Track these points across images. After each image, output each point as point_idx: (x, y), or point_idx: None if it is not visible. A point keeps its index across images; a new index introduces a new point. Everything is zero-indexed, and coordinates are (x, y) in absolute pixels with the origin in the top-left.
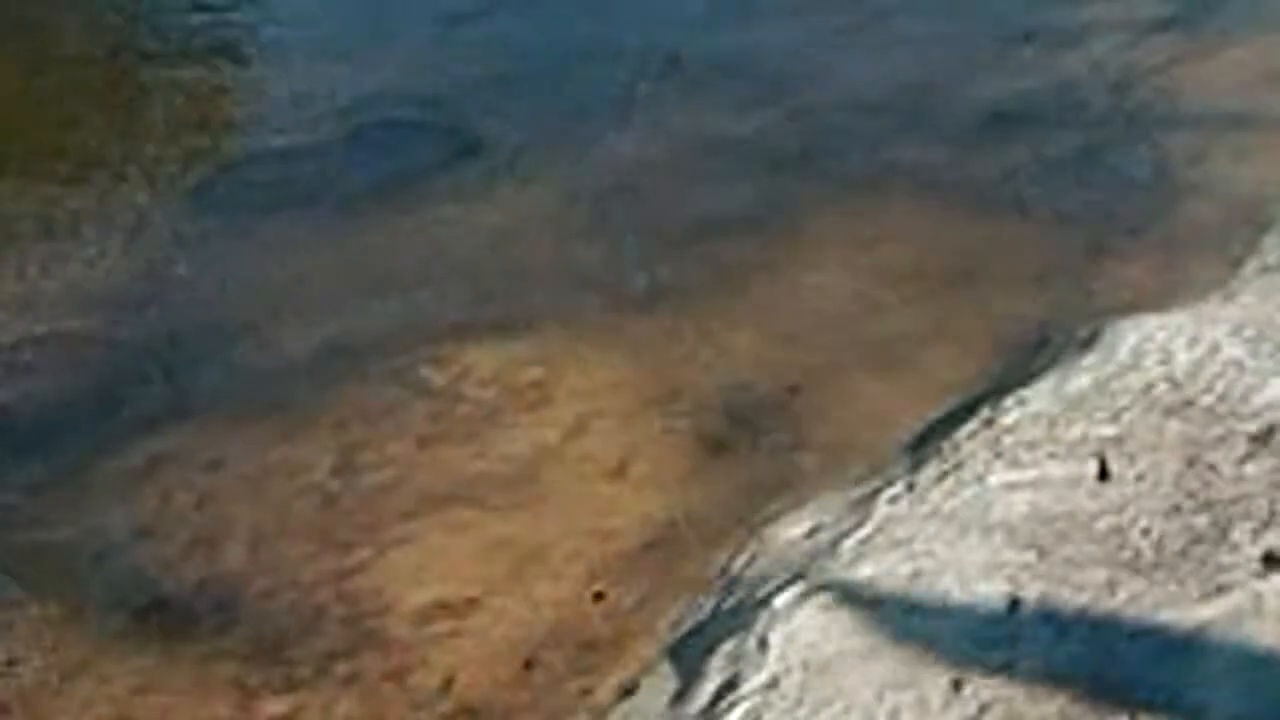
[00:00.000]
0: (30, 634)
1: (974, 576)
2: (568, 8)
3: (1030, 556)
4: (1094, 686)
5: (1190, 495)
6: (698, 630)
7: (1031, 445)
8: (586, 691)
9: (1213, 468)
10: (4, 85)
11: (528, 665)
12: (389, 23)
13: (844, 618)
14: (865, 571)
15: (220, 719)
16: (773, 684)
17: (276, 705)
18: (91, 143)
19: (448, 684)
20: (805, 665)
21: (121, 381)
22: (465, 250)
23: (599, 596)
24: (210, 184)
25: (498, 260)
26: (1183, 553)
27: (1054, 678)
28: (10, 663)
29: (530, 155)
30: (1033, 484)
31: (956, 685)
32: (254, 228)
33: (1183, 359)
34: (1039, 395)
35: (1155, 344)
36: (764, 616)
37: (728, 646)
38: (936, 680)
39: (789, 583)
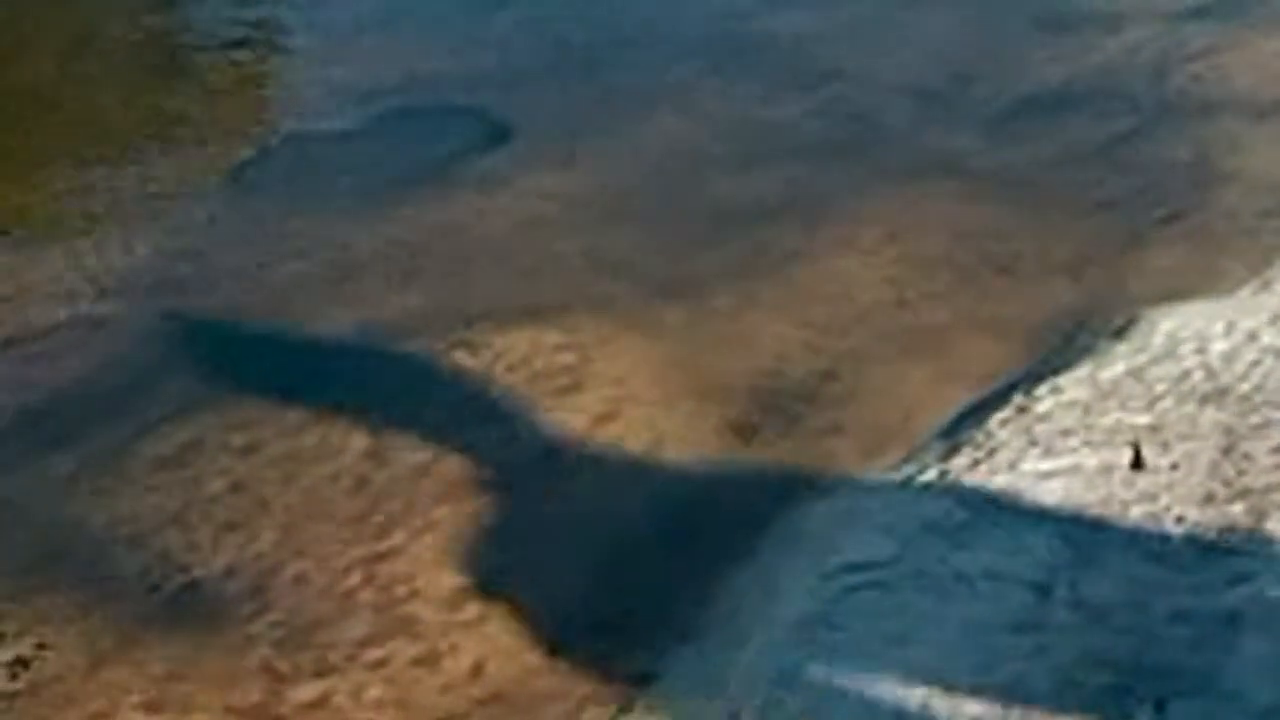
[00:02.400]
0: (62, 620)
1: (1007, 564)
2: None
3: (1063, 544)
4: (1127, 674)
5: (1225, 484)
6: (729, 618)
7: (1065, 433)
8: (614, 678)
9: (1248, 456)
10: (41, 70)
11: (554, 653)
12: (422, 9)
13: (877, 606)
14: (900, 560)
15: (251, 705)
16: (803, 673)
17: (307, 691)
18: (126, 129)
19: (478, 669)
20: (835, 652)
21: (154, 367)
22: (497, 236)
23: (630, 585)
24: (244, 169)
25: (529, 246)
26: (1217, 541)
27: (1086, 665)
28: (41, 647)
29: (562, 142)
30: (1066, 472)
31: (987, 670)
32: (287, 213)
33: (1219, 347)
34: (1073, 383)
35: (1191, 332)
36: (795, 605)
37: (758, 635)
38: (971, 668)
39: (822, 570)
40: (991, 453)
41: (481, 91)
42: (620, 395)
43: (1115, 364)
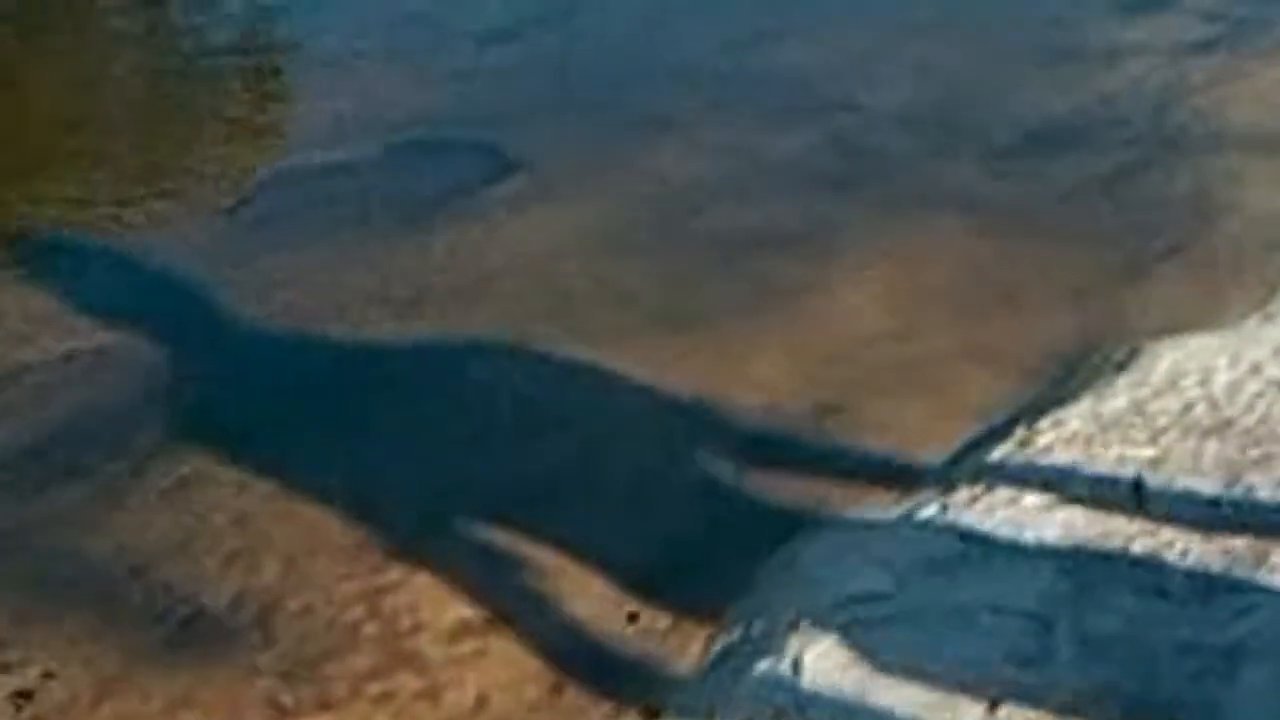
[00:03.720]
0: (67, 650)
1: (1009, 598)
2: (609, 27)
3: (1065, 578)
4: (1131, 707)
5: (1228, 517)
6: (729, 652)
7: (1067, 467)
8: (617, 713)
9: (1252, 489)
10: (52, 100)
11: (558, 686)
12: (430, 40)
13: (877, 640)
14: (900, 592)
15: None
16: (805, 707)
17: None
18: (132, 162)
19: (481, 703)
20: (837, 688)
21: (158, 399)
22: (500, 268)
23: (632, 618)
24: (248, 201)
25: (533, 279)
26: (1221, 575)
27: (1091, 699)
28: (46, 677)
29: (569, 173)
30: (1068, 505)
31: (993, 707)
32: (291, 245)
33: (1222, 380)
34: (1075, 416)
35: (1194, 364)
36: (796, 639)
37: (760, 669)
38: (973, 702)
39: (821, 603)
40: (993, 486)
41: (486, 124)
42: (616, 424)
43: (1117, 396)
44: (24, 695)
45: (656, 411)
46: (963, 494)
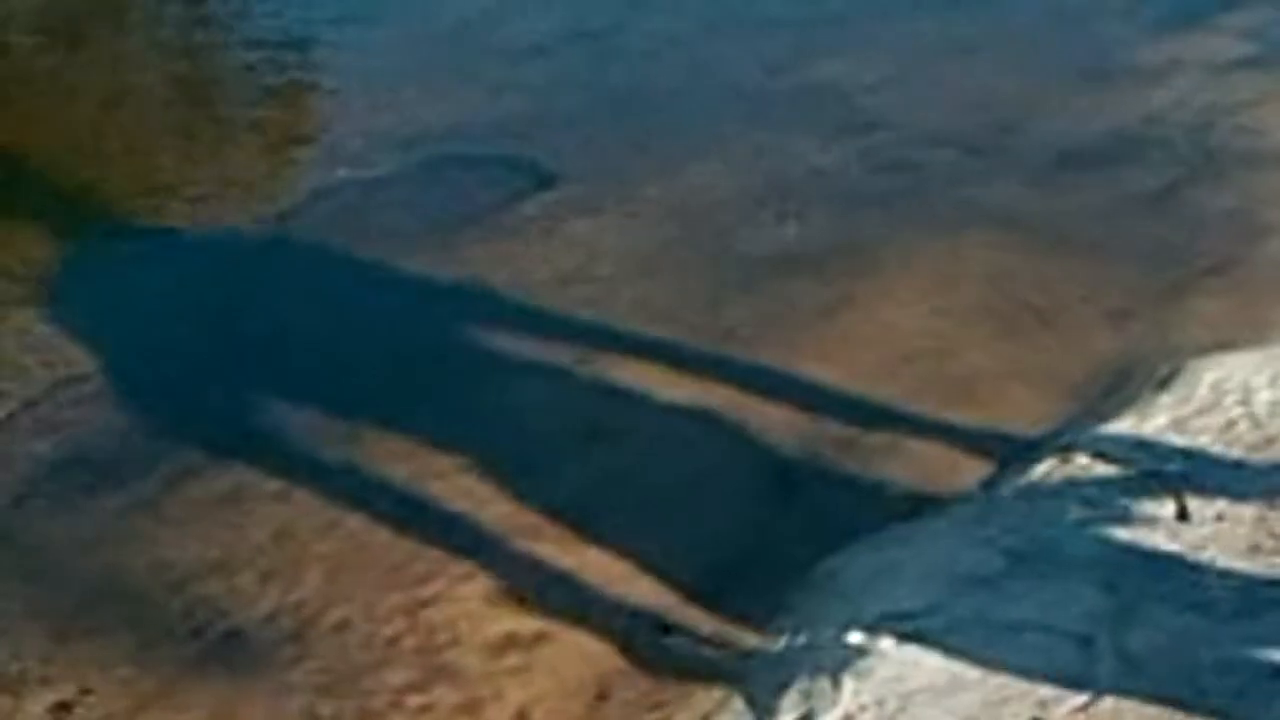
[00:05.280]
0: (104, 665)
1: (1051, 614)
2: (645, 44)
3: (1106, 595)
4: None
5: (1271, 535)
6: (771, 666)
7: (1109, 484)
8: None
9: None
10: (83, 122)
11: (599, 699)
12: (462, 57)
13: (919, 655)
14: (941, 609)
15: None
16: (845, 716)
17: None
18: (168, 178)
19: (521, 717)
20: (880, 703)
21: (197, 412)
22: (536, 284)
23: (673, 631)
24: (284, 217)
25: (570, 295)
26: (1264, 592)
27: (1135, 714)
28: (84, 692)
29: (602, 190)
30: (1109, 523)
31: None
32: (327, 261)
33: (1263, 398)
34: (1117, 434)
35: (1235, 383)
36: (837, 653)
37: (801, 683)
38: (1016, 718)
39: (862, 620)
40: (1034, 502)
41: (522, 140)
42: (656, 440)
43: (1159, 414)
44: (63, 708)
45: (695, 427)
46: (1004, 510)
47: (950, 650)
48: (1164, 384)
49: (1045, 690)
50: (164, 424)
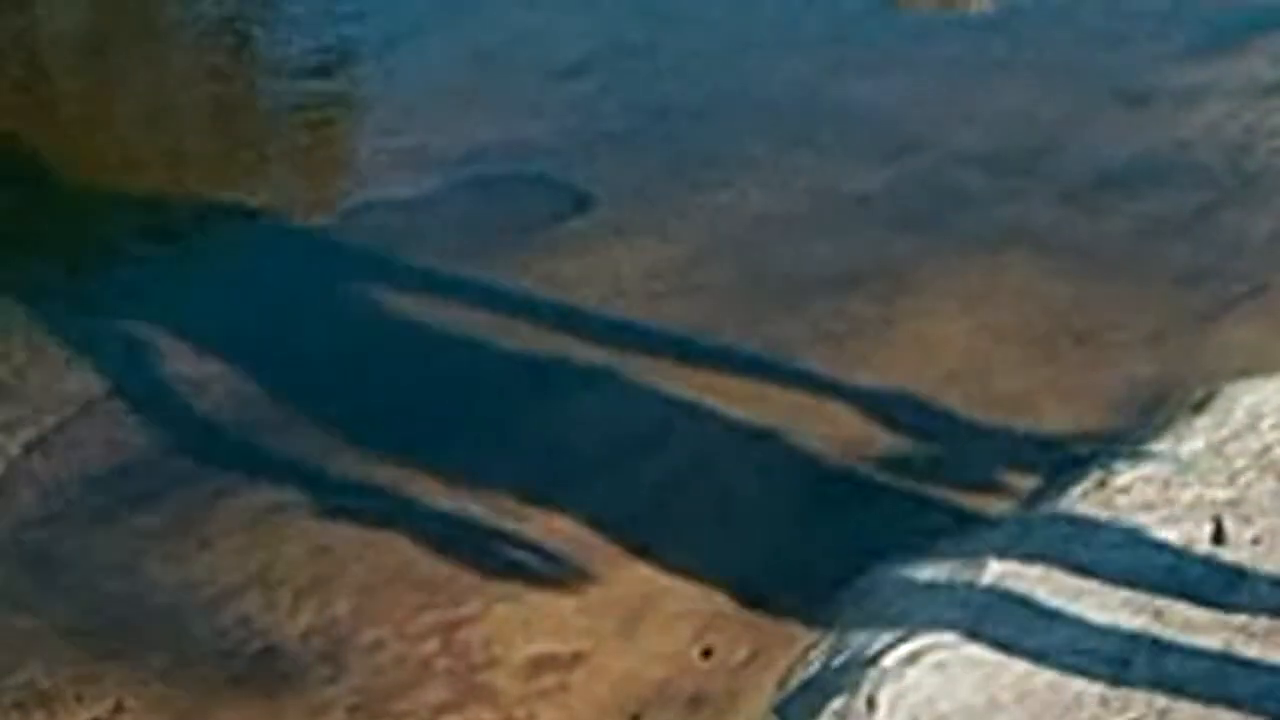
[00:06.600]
0: (139, 682)
1: (1085, 637)
2: (681, 63)
3: (1144, 619)
4: None
5: None
6: (805, 687)
7: (1145, 507)
8: None
9: None
10: (121, 131)
11: None
12: (501, 76)
13: (954, 676)
14: (977, 630)
15: None
16: None
17: None
18: (203, 198)
19: None
20: None
21: (233, 428)
22: (574, 303)
23: (707, 653)
24: (319, 236)
25: (609, 313)
26: None
27: None
28: (119, 709)
29: (638, 210)
30: (1146, 546)
31: None
32: (364, 280)
33: None
34: (1153, 457)
35: (1272, 407)
36: (872, 674)
37: (835, 704)
38: None
39: (898, 640)
40: (1070, 525)
41: (558, 159)
42: (696, 460)
43: (1195, 438)
44: None
45: (732, 447)
46: (1040, 532)
47: (984, 672)
48: (1200, 407)
49: (1081, 713)
50: (199, 443)
